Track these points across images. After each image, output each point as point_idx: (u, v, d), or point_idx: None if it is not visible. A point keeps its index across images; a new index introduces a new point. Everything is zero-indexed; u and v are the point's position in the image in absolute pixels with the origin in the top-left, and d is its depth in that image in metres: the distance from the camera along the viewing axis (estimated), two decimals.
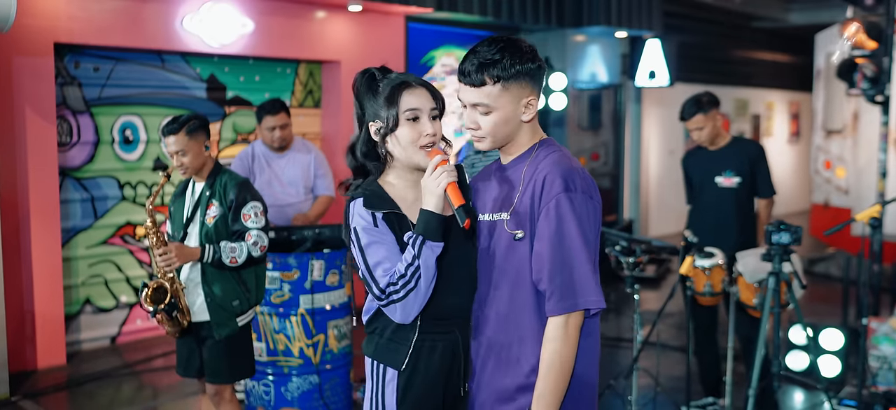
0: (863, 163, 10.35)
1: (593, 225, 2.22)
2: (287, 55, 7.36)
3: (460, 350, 2.40)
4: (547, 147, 2.34)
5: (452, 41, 9.23)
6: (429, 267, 2.25)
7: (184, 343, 4.02)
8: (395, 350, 2.37)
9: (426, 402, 2.37)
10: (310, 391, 4.75)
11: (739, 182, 4.76)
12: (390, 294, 2.27)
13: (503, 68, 2.23)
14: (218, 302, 3.87)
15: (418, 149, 2.34)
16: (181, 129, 3.79)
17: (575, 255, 2.16)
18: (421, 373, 2.36)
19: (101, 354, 6.41)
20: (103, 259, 6.59)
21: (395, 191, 2.40)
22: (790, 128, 16.50)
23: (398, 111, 2.34)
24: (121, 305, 6.71)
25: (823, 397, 5.18)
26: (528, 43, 2.32)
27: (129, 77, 6.62)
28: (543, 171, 2.23)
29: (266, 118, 5.18)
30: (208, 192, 3.88)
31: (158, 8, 6.44)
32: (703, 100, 4.79)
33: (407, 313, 2.29)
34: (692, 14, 12.53)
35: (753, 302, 4.30)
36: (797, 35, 16.00)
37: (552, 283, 2.17)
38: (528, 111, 2.29)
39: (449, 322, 2.38)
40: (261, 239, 3.89)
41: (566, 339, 2.17)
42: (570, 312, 2.17)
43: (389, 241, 2.33)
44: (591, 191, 2.24)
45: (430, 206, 2.26)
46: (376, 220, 2.33)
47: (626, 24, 9.56)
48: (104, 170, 6.55)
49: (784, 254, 3.54)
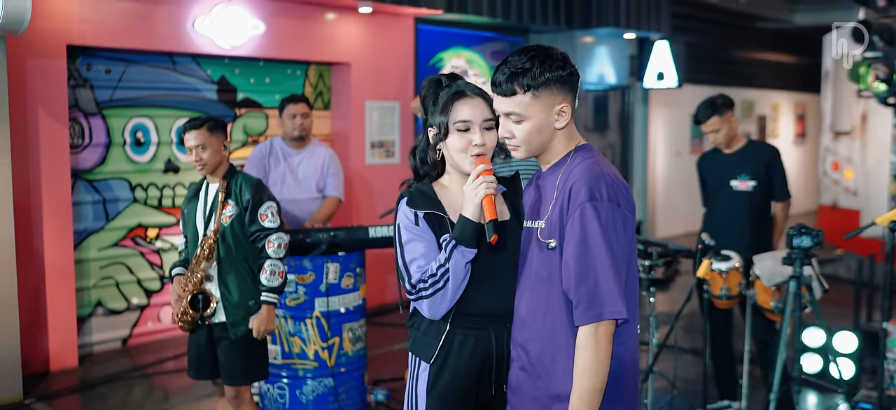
0: (871, 164, 10.33)
1: (621, 233, 2.20)
2: (297, 57, 7.36)
3: (493, 350, 2.45)
4: (582, 153, 2.33)
5: (461, 43, 9.23)
6: (458, 270, 2.33)
7: (195, 343, 4.04)
8: (428, 344, 2.48)
9: (455, 395, 2.45)
10: (325, 394, 4.74)
11: (755, 185, 4.74)
12: (420, 290, 2.37)
13: (533, 77, 2.25)
14: (234, 302, 3.91)
15: (466, 157, 2.42)
16: (203, 125, 3.89)
17: (599, 265, 2.16)
18: (450, 367, 2.45)
19: (113, 356, 6.41)
20: (115, 261, 6.59)
21: (447, 194, 2.51)
22: (796, 130, 16.48)
23: (449, 120, 2.43)
24: (132, 307, 6.71)
25: (838, 400, 5.17)
26: (560, 51, 2.32)
27: (141, 79, 6.62)
28: (572, 180, 2.25)
29: (288, 106, 5.25)
30: (223, 193, 3.90)
31: (170, 10, 6.44)
32: (717, 102, 4.77)
33: (434, 310, 2.39)
34: (698, 15, 12.51)
35: (770, 305, 4.30)
36: (803, 36, 15.98)
37: (578, 292, 2.19)
38: (561, 118, 2.30)
39: (483, 320, 2.44)
40: (281, 239, 3.96)
41: (596, 348, 2.17)
42: (596, 322, 2.17)
43: (429, 240, 2.42)
44: (618, 198, 2.21)
45: (467, 213, 2.34)
46: (418, 219, 2.43)
47: (635, 26, 9.55)
48: (116, 172, 6.55)
49: (805, 258, 3.53)
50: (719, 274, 4.40)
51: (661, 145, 12.40)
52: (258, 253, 3.94)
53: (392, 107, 8.03)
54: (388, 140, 8.03)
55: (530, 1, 8.65)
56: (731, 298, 4.43)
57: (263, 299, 3.90)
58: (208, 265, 3.91)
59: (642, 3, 9.70)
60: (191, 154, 3.89)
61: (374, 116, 7.88)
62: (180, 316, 3.92)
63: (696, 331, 6.56)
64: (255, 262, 3.95)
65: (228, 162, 4.01)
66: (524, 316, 2.38)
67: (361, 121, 7.80)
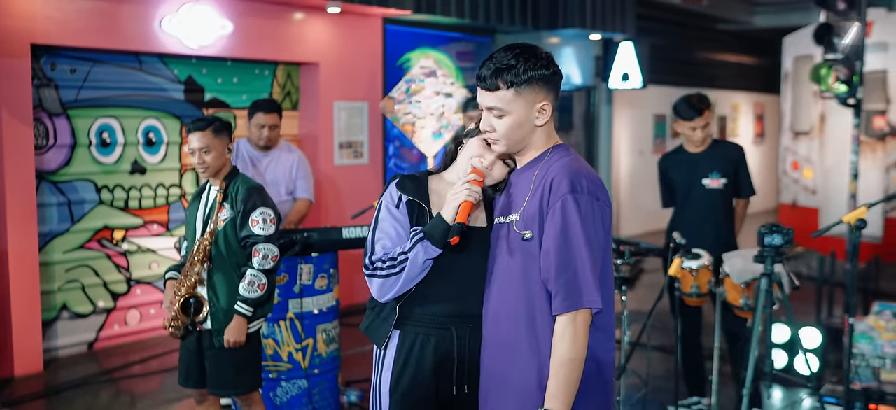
0: (830, 164, 10.57)
1: (600, 226, 2.26)
2: (265, 57, 7.32)
3: (454, 350, 2.49)
4: (559, 151, 2.39)
5: (428, 43, 9.25)
6: (416, 263, 2.40)
7: (185, 350, 3.95)
8: (379, 327, 2.55)
9: (417, 394, 2.50)
10: (299, 395, 4.73)
11: (725, 183, 4.83)
12: (376, 267, 2.45)
13: (517, 74, 2.30)
14: (222, 309, 3.82)
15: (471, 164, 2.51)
16: (208, 127, 3.78)
17: (578, 255, 2.21)
18: (412, 366, 2.49)
19: (79, 360, 6.31)
20: (80, 263, 6.49)
21: (441, 189, 2.58)
22: (755, 130, 16.78)
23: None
24: (98, 310, 6.61)
25: (803, 394, 5.28)
26: (545, 51, 2.37)
27: (107, 79, 6.53)
28: (552, 174, 2.29)
29: (258, 114, 5.15)
30: (221, 195, 3.84)
31: (136, 9, 6.36)
32: (694, 100, 4.81)
33: (382, 292, 2.46)
34: (661, 16, 12.68)
35: (739, 302, 4.38)
36: (762, 38, 16.28)
37: (557, 282, 2.23)
38: (541, 116, 2.35)
39: (445, 320, 2.49)
40: (269, 251, 3.83)
41: (575, 337, 2.21)
42: (574, 311, 2.21)
43: (402, 225, 2.49)
44: (598, 192, 2.27)
45: (445, 213, 2.40)
46: (400, 203, 2.50)
47: (600, 27, 9.65)
48: (81, 173, 6.45)
49: (776, 256, 3.61)
50: (690, 273, 4.47)
51: (625, 145, 12.54)
52: (246, 260, 3.84)
53: (360, 107, 8.01)
54: (357, 140, 8.01)
55: (497, 2, 8.70)
56: (701, 296, 4.50)
57: (236, 309, 3.77)
58: (202, 268, 3.81)
59: (607, 5, 9.80)
60: (194, 156, 3.78)
61: (342, 117, 7.86)
62: (170, 321, 3.83)
63: (665, 329, 6.65)
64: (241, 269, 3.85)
65: (231, 164, 3.93)
66: (496, 311, 2.41)
67: (330, 122, 7.77)
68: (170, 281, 3.88)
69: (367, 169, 8.09)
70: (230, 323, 3.79)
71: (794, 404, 5.35)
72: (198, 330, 3.86)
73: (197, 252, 3.79)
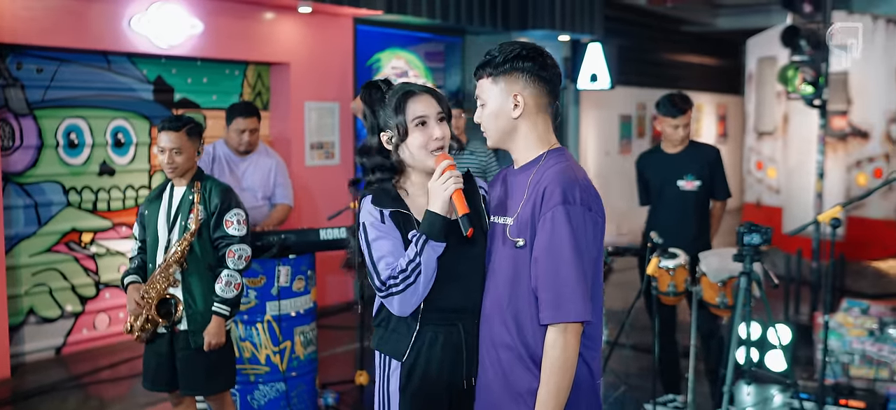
0: (793, 163, 10.76)
1: (591, 238, 2.25)
2: (236, 57, 7.25)
3: (463, 345, 2.49)
4: (556, 156, 2.37)
5: (398, 43, 9.23)
6: (429, 265, 2.38)
7: (154, 353, 3.90)
8: (397, 341, 2.50)
9: (428, 392, 2.48)
10: (276, 398, 4.69)
11: (700, 185, 4.88)
12: (390, 286, 2.39)
13: (494, 65, 2.35)
14: (199, 310, 3.79)
15: (429, 153, 2.47)
16: (182, 128, 3.75)
17: (567, 267, 2.21)
18: (422, 365, 2.48)
19: (47, 366, 6.19)
20: (48, 267, 6.36)
21: (408, 193, 2.55)
22: (718, 130, 17.01)
23: (406, 118, 2.47)
24: (66, 315, 6.48)
25: (774, 390, 5.37)
26: (543, 51, 2.38)
27: (74, 79, 6.41)
28: (545, 182, 2.28)
29: (238, 120, 5.07)
30: (192, 196, 3.80)
31: (105, 7, 6.25)
32: (675, 99, 4.85)
33: (404, 307, 2.41)
34: (627, 18, 12.81)
35: (715, 300, 4.44)
36: (724, 40, 16.53)
37: (545, 292, 2.23)
38: (517, 108, 2.34)
39: (452, 316, 2.48)
40: (243, 251, 3.85)
41: (565, 347, 2.22)
42: (563, 322, 2.21)
43: (395, 237, 2.45)
44: (590, 202, 2.27)
45: (435, 209, 2.39)
46: (383, 217, 2.46)
47: (569, 28, 9.72)
48: (48, 174, 6.32)
49: (755, 255, 3.66)
50: (666, 272, 4.52)
51: (592, 145, 12.64)
52: (219, 261, 3.83)
53: (331, 107, 7.97)
54: (328, 141, 7.97)
55: (468, 3, 8.72)
56: (678, 295, 4.56)
57: (215, 310, 3.77)
58: (177, 269, 3.78)
59: (576, 6, 9.88)
60: (163, 155, 3.74)
61: (313, 117, 7.81)
62: (142, 325, 3.77)
63: (641, 328, 6.73)
64: (216, 270, 3.83)
65: (197, 166, 3.89)
66: (490, 312, 2.41)
67: (301, 123, 7.72)
68: (133, 285, 3.82)
69: (339, 169, 8.05)
70: (207, 324, 3.77)
71: (764, 401, 5.43)
72: (172, 331, 3.82)
73: (174, 253, 3.75)
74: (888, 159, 10.04)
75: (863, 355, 5.30)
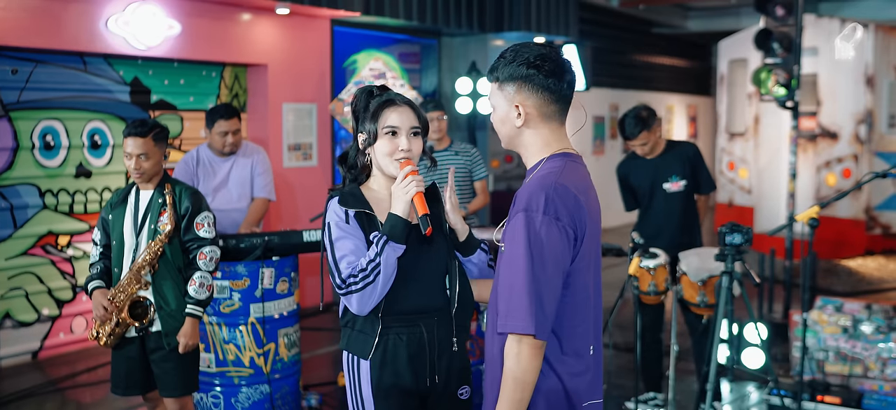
0: (763, 164, 10.93)
1: (553, 248, 2.12)
2: (213, 58, 7.21)
3: (425, 344, 2.59)
4: (551, 163, 2.27)
5: (375, 45, 9.24)
6: (388, 265, 2.46)
7: (124, 358, 3.89)
8: (364, 341, 2.59)
9: (398, 390, 2.58)
10: (260, 401, 4.68)
11: (685, 184, 4.94)
12: (350, 284, 2.47)
13: (499, 69, 2.30)
14: (172, 312, 3.81)
15: (392, 161, 2.57)
16: (150, 133, 3.76)
17: (517, 277, 2.12)
18: (390, 364, 2.57)
19: (23, 370, 6.11)
20: (24, 270, 6.29)
21: (373, 196, 2.65)
22: (689, 131, 17.22)
23: (378, 126, 2.59)
24: (43, 318, 6.41)
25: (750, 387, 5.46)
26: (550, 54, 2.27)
27: (50, 80, 6.34)
28: (523, 188, 2.23)
29: (219, 122, 5.05)
30: (160, 199, 3.80)
31: (81, 8, 6.19)
32: (643, 115, 4.85)
33: (362, 304, 2.49)
34: (599, 20, 12.92)
35: (696, 299, 4.51)
36: (694, 42, 16.74)
37: (499, 300, 2.18)
38: (519, 118, 2.26)
39: (413, 317, 2.58)
40: (214, 252, 3.91)
41: (518, 358, 2.14)
42: (512, 333, 2.13)
43: (358, 238, 2.54)
44: (560, 213, 2.13)
45: (396, 211, 2.49)
46: (348, 217, 2.55)
47: (545, 30, 9.79)
48: (24, 177, 6.25)
49: (737, 255, 3.73)
50: (647, 271, 4.58)
51: None
52: (189, 263, 3.86)
53: (309, 109, 7.96)
54: (306, 142, 7.96)
55: (444, 4, 8.75)
56: (659, 294, 4.63)
57: (189, 311, 3.79)
58: (149, 271, 3.78)
59: (552, 9, 9.95)
60: (130, 160, 3.74)
61: (290, 118, 7.79)
62: (112, 330, 3.76)
63: (623, 327, 6.80)
64: (185, 272, 3.86)
65: (163, 170, 3.89)
66: (491, 303, 2.39)
67: (279, 124, 7.70)
68: (99, 290, 3.80)
69: (316, 171, 8.04)
70: (180, 326, 3.80)
71: (741, 397, 5.52)
72: (141, 335, 3.83)
73: (144, 256, 3.75)
74: (856, 160, 10.24)
75: (837, 352, 5.41)
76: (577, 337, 2.25)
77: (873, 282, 9.20)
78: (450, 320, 2.63)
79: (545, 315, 2.12)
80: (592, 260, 2.27)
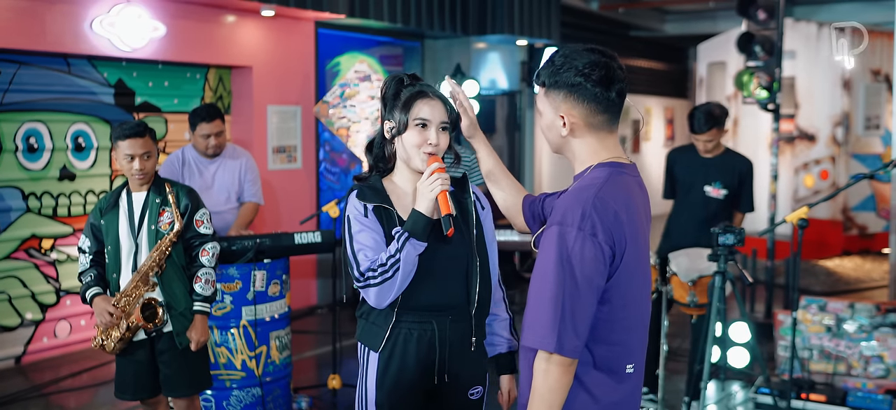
0: None
1: (585, 265, 2.05)
2: (198, 60, 7.17)
3: (436, 343, 2.57)
4: (595, 173, 2.19)
5: (359, 47, 9.23)
6: (408, 261, 2.44)
7: (133, 362, 3.86)
8: (375, 333, 2.59)
9: (402, 386, 2.58)
10: (252, 404, 4.67)
11: (726, 194, 4.91)
12: (368, 278, 2.47)
13: (547, 75, 2.21)
14: (182, 311, 3.80)
15: (420, 153, 2.54)
16: (147, 132, 3.74)
17: (544, 293, 2.08)
18: (397, 359, 2.57)
19: (7, 375, 6.03)
20: (7, 274, 6.21)
21: (395, 189, 2.62)
22: (666, 133, 17.36)
23: (409, 117, 2.54)
24: (26, 323, 6.33)
25: (736, 385, 5.53)
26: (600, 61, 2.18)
27: (34, 82, 6.27)
28: (563, 197, 2.18)
29: (201, 125, 5.03)
30: (158, 199, 3.77)
31: (66, 9, 6.13)
32: (716, 113, 4.83)
33: (380, 299, 2.49)
34: (580, 23, 13.00)
35: (686, 299, 4.57)
36: (672, 45, 16.88)
37: (526, 313, 2.14)
38: (565, 126, 2.20)
39: (427, 314, 2.56)
40: (215, 248, 3.93)
41: (545, 375, 2.10)
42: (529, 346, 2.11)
43: (377, 232, 2.53)
44: (596, 228, 2.06)
45: (420, 208, 2.45)
46: (367, 211, 2.53)
47: (527, 33, 9.84)
48: (7, 180, 6.17)
49: (729, 255, 3.78)
50: None
51: (547, 148, 12.80)
52: (191, 261, 3.86)
53: (294, 111, 7.94)
54: (290, 145, 7.93)
55: (428, 7, 8.76)
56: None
57: (197, 309, 3.81)
58: (157, 272, 3.76)
59: (534, 11, 10.00)
60: (132, 162, 3.69)
61: (274, 121, 7.77)
62: (122, 335, 3.73)
63: None
64: (188, 270, 3.86)
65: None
66: None
67: (263, 126, 7.67)
68: (101, 296, 3.74)
69: (301, 173, 8.02)
70: (188, 324, 3.80)
71: (727, 396, 5.60)
72: (150, 337, 3.81)
73: (154, 256, 3.73)
74: (834, 161, 10.39)
75: (821, 350, 5.50)
76: (613, 355, 2.17)
77: (850, 282, 9.35)
78: (468, 319, 2.62)
79: (573, 333, 2.05)
80: (636, 274, 2.16)
